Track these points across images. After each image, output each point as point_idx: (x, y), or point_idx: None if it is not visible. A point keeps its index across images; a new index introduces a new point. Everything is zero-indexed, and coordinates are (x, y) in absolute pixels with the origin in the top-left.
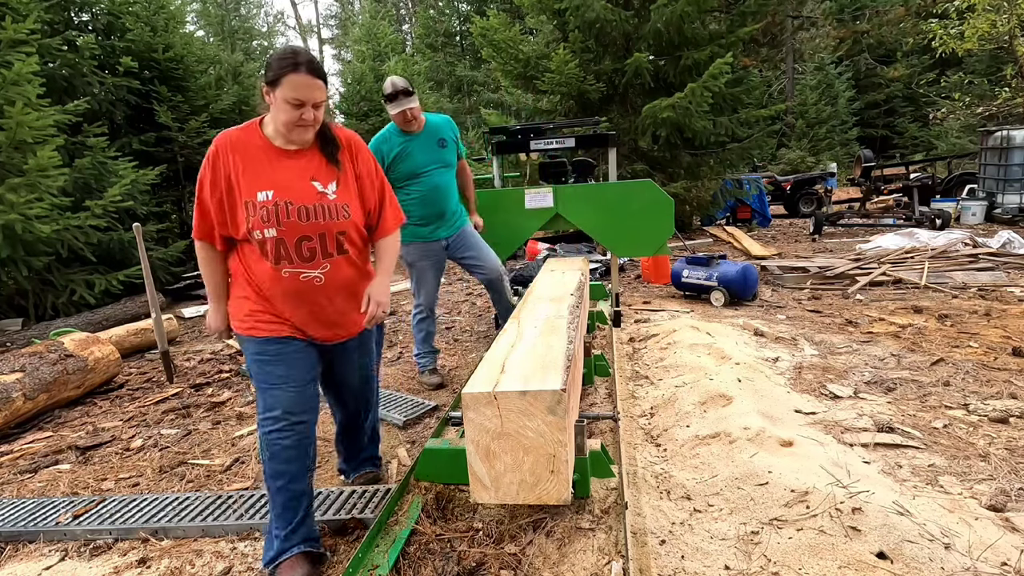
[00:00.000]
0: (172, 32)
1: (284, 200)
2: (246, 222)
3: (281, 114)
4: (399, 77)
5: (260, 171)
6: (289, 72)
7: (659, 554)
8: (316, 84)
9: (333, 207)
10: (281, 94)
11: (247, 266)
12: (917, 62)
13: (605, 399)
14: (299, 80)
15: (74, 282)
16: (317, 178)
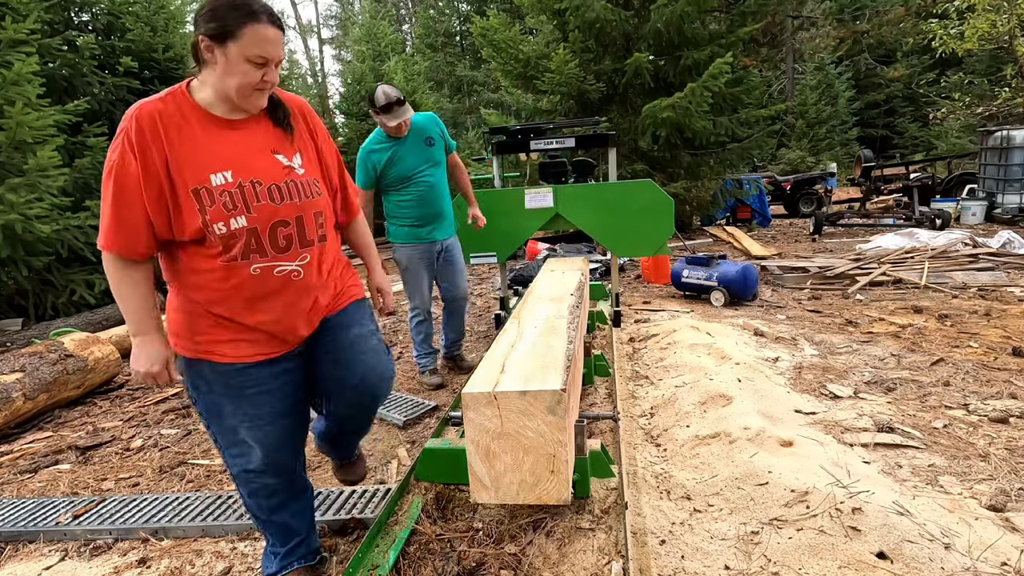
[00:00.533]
0: (172, 32)
1: (249, 180)
2: (199, 215)
3: (235, 76)
4: (390, 86)
5: (205, 149)
6: (248, 22)
7: (659, 554)
8: (280, 37)
9: (305, 183)
10: (239, 50)
11: (187, 274)
12: (917, 62)
13: (605, 399)
14: (263, 33)
15: (74, 282)
16: (278, 150)
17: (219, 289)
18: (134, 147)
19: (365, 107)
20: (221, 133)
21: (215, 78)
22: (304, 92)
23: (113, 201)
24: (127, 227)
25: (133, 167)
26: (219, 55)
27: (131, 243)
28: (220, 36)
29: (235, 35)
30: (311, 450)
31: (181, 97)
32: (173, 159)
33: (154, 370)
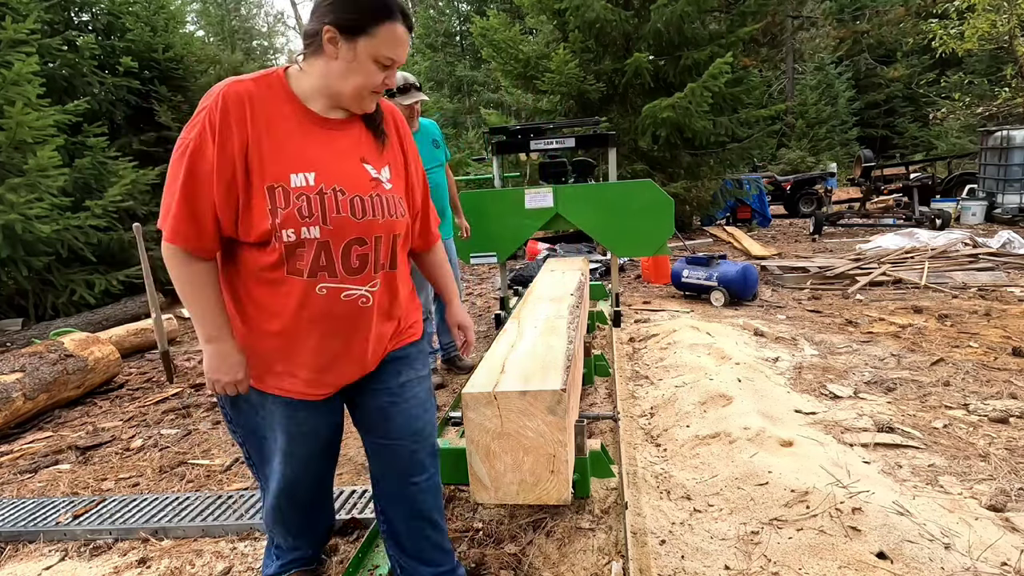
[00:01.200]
0: (172, 32)
1: (332, 187)
2: (269, 217)
3: (358, 76)
4: (407, 72)
5: (292, 144)
6: (386, 20)
7: (659, 554)
8: (408, 39)
9: (391, 200)
10: (370, 48)
11: (246, 283)
12: (917, 62)
13: (605, 399)
14: (398, 33)
15: (74, 282)
16: (368, 159)
17: (279, 305)
18: (215, 128)
19: None
20: (312, 130)
21: (327, 72)
22: None
23: (184, 188)
24: (199, 219)
25: (210, 151)
26: (344, 50)
27: (201, 238)
28: (352, 30)
29: (369, 31)
30: None
31: (276, 83)
32: (254, 148)
33: (239, 377)
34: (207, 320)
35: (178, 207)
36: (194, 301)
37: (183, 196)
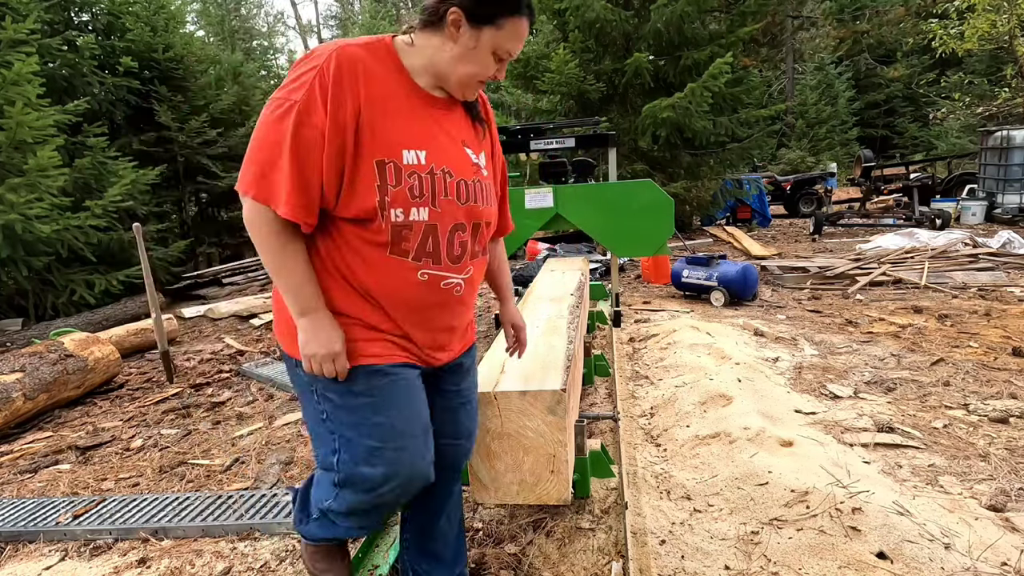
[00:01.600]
0: (172, 32)
1: (442, 168)
2: (376, 193)
3: (473, 65)
4: None
5: (403, 118)
6: (514, 14)
7: (659, 554)
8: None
9: (488, 187)
10: (492, 39)
11: (343, 259)
12: (917, 62)
13: (605, 399)
14: (522, 28)
15: (74, 282)
16: (468, 144)
17: (374, 285)
18: (327, 90)
19: None
20: (421, 106)
21: (441, 53)
22: None
23: (293, 155)
24: (309, 191)
25: (320, 115)
26: (467, 36)
27: (311, 211)
28: (480, 18)
29: (497, 23)
30: (309, 450)
31: (385, 52)
32: (366, 117)
33: (335, 349)
34: (302, 291)
35: (291, 178)
36: (288, 273)
37: (294, 165)
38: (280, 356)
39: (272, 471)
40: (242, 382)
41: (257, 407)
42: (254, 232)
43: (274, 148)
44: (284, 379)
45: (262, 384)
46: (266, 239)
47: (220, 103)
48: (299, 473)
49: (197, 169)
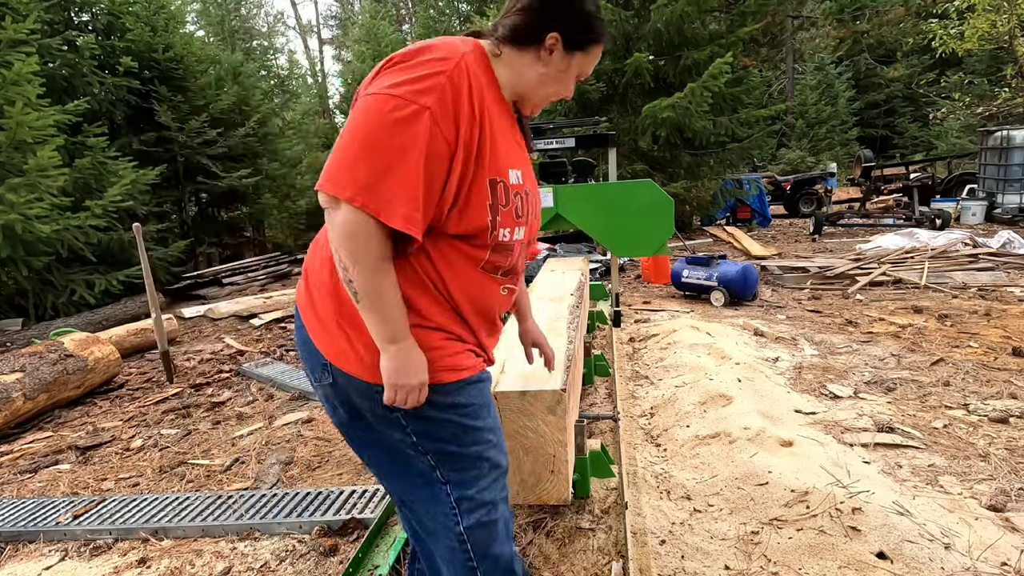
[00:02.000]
0: (172, 32)
1: (527, 187)
2: (488, 213)
3: (556, 85)
4: None
5: (505, 136)
6: (599, 41)
7: (659, 554)
8: None
9: (537, 201)
10: (578, 65)
11: (437, 273)
12: (917, 62)
13: (605, 399)
14: (600, 52)
15: (74, 282)
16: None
17: (466, 299)
18: (460, 100)
19: None
20: (510, 123)
21: (528, 72)
22: (304, 92)
23: (425, 164)
24: (429, 205)
25: (451, 126)
26: (559, 59)
27: (425, 223)
28: (574, 44)
29: (586, 49)
30: (310, 449)
31: (486, 62)
32: (487, 134)
33: (424, 378)
34: (395, 316)
35: (416, 188)
36: (385, 296)
37: (425, 175)
38: (332, 383)
39: (272, 471)
40: (242, 382)
41: (257, 407)
42: (354, 245)
43: (396, 153)
44: (284, 379)
45: (262, 384)
46: (367, 255)
47: (220, 103)
48: (299, 473)
49: (197, 169)
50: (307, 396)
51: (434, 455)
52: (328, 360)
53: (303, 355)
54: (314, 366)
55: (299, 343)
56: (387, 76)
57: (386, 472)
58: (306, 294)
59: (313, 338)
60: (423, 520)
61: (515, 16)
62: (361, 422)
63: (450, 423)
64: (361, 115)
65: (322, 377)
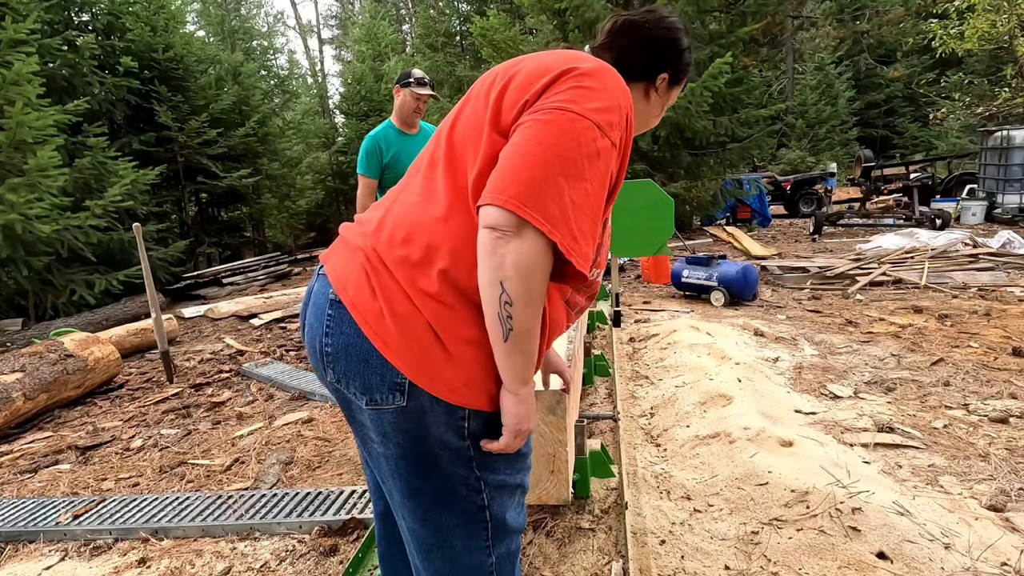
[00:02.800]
0: (172, 32)
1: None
2: (594, 252)
3: (655, 118)
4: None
5: None
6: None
7: (659, 554)
8: None
9: None
10: (670, 97)
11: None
12: (917, 62)
13: (605, 399)
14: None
15: (74, 282)
16: None
17: (550, 332)
18: (629, 136)
19: (364, 107)
20: None
21: (638, 106)
22: (304, 92)
23: (602, 202)
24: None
25: (616, 165)
26: (662, 94)
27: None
28: (677, 80)
29: (682, 83)
30: (310, 449)
31: None
32: (622, 171)
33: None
34: (534, 360)
35: (597, 228)
36: (534, 335)
37: (601, 214)
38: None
39: (272, 471)
40: (242, 382)
41: (257, 407)
42: (535, 281)
43: (589, 186)
44: (284, 379)
45: (262, 384)
46: (541, 293)
47: (220, 103)
48: (299, 473)
49: (197, 169)
50: (307, 396)
51: (490, 489)
52: (409, 379)
53: (352, 368)
54: (375, 383)
55: (347, 351)
56: (580, 94)
57: (423, 505)
58: (382, 295)
59: (385, 349)
60: (448, 553)
61: (628, 52)
62: (423, 453)
63: (513, 454)
64: (557, 133)
65: (388, 398)
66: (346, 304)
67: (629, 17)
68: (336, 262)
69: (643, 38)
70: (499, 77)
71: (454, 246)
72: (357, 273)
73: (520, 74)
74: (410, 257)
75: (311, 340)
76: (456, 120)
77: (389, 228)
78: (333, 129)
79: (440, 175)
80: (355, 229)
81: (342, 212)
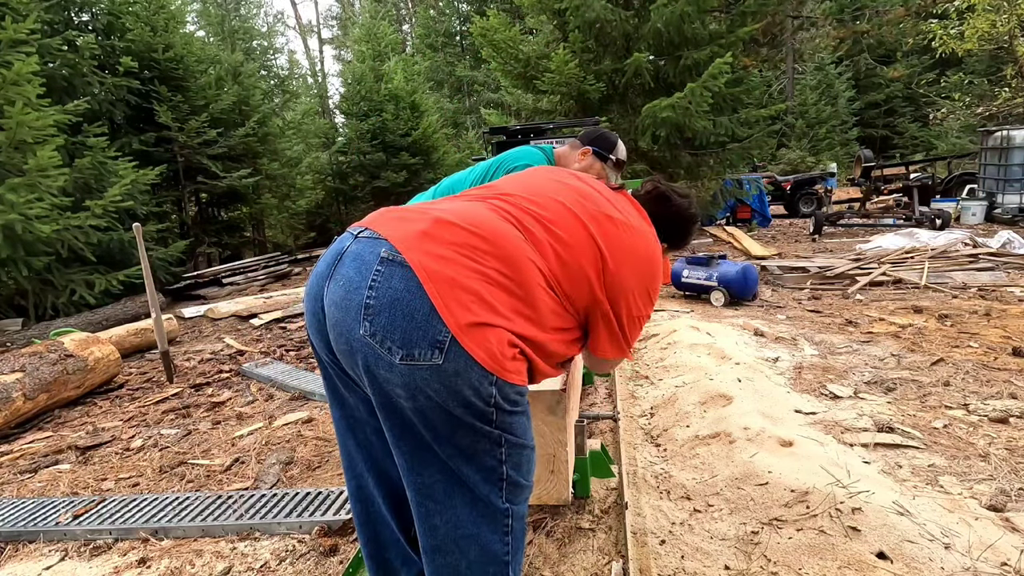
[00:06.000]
0: (172, 32)
1: None
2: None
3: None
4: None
5: None
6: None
7: (659, 554)
8: None
9: None
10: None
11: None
12: (917, 62)
13: (605, 399)
14: None
15: (74, 282)
16: None
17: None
18: None
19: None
20: None
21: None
22: (304, 92)
23: None
24: None
25: None
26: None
27: None
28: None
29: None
30: (310, 449)
31: None
32: None
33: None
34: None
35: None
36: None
37: None
38: (440, 364)
39: (272, 471)
40: (242, 382)
41: (257, 407)
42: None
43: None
44: (284, 379)
45: (262, 384)
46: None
47: (220, 103)
48: (299, 473)
49: (197, 169)
50: (307, 396)
51: (508, 448)
52: (454, 336)
53: (394, 321)
54: (416, 339)
55: (392, 305)
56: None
57: (444, 453)
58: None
59: (442, 309)
60: (468, 496)
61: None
62: (450, 410)
63: (524, 421)
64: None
65: (426, 355)
66: (412, 263)
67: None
68: (393, 230)
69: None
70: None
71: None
72: (428, 242)
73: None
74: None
75: (346, 293)
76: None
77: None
78: (333, 129)
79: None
80: (413, 212)
81: (342, 212)
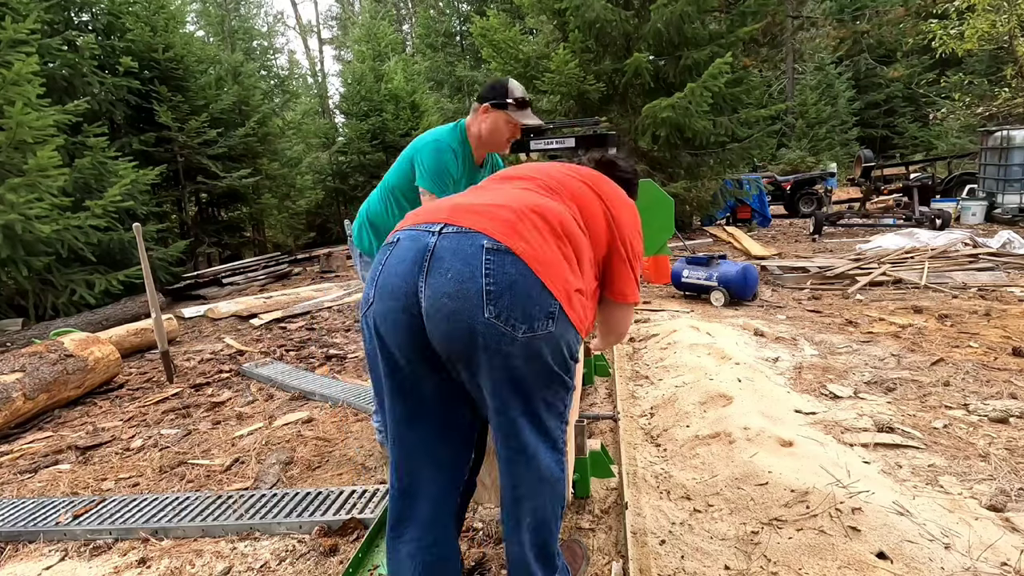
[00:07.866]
0: (172, 32)
1: None
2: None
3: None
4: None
5: None
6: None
7: (659, 554)
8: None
9: None
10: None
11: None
12: (917, 62)
13: (605, 399)
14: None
15: (74, 282)
16: None
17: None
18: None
19: (365, 107)
20: None
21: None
22: (304, 92)
23: None
24: None
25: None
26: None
27: None
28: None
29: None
30: (310, 449)
31: None
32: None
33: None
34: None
35: None
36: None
37: None
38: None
39: (272, 471)
40: (242, 382)
41: (257, 407)
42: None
43: None
44: (284, 379)
45: (262, 384)
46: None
47: (220, 103)
48: (299, 473)
49: (197, 169)
50: (307, 396)
51: (570, 391)
52: (562, 306)
53: (516, 300)
54: (535, 312)
55: (512, 287)
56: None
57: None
58: (553, 241)
59: (551, 285)
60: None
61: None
62: (556, 365)
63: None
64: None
65: (543, 324)
66: (518, 251)
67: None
68: (483, 223)
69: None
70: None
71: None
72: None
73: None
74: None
75: (459, 284)
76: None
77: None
78: (333, 129)
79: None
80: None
81: (342, 212)
